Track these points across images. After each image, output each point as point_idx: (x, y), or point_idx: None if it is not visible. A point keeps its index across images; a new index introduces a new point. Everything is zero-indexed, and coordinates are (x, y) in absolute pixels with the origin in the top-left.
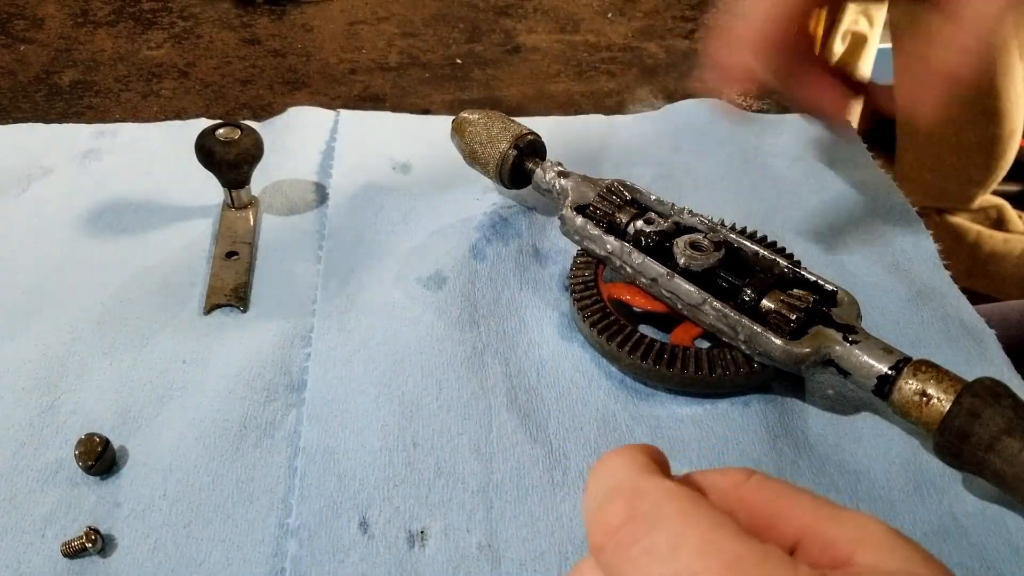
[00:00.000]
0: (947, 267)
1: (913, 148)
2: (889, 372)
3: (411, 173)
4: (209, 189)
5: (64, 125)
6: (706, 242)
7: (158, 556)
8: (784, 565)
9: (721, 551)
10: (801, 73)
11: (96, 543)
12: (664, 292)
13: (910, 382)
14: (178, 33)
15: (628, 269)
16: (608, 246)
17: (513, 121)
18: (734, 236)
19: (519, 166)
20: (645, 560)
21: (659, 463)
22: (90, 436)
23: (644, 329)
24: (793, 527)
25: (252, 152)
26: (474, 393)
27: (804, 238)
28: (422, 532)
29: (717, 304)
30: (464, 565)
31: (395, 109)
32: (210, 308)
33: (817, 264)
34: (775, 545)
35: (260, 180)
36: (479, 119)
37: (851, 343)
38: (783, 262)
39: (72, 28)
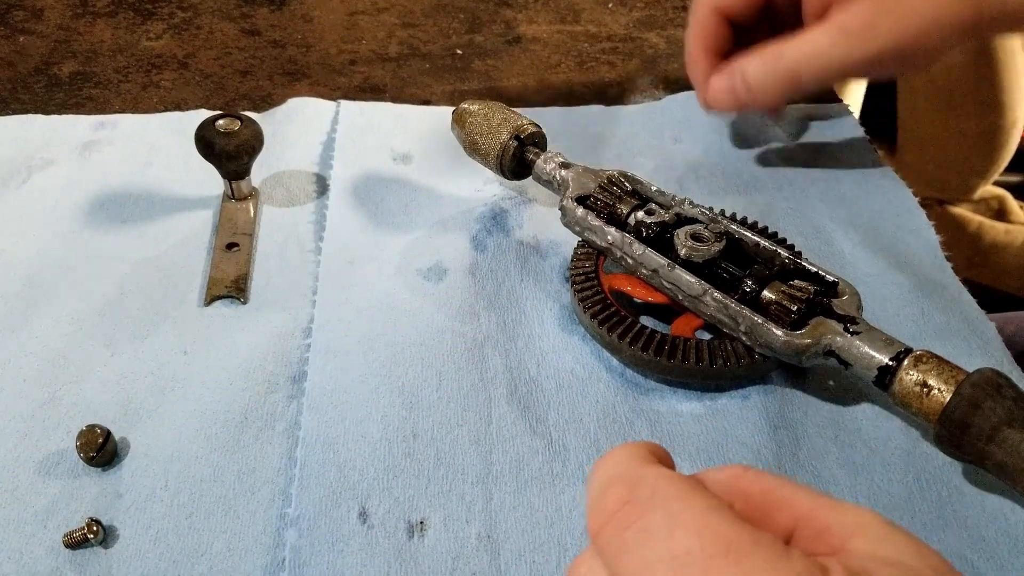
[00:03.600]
0: (948, 259)
1: (915, 139)
2: (890, 363)
3: (412, 164)
4: (209, 180)
5: (64, 116)
6: (707, 233)
7: (160, 547)
8: (777, 550)
9: (716, 534)
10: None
11: (98, 534)
12: (665, 283)
13: (911, 373)
14: (177, 24)
15: (629, 260)
16: (609, 237)
17: (513, 112)
18: (735, 227)
19: (520, 157)
20: (641, 540)
21: (661, 459)
22: (91, 428)
23: (645, 320)
24: (788, 516)
25: (252, 143)
26: (474, 384)
27: (805, 229)
28: (421, 522)
29: (718, 295)
30: (463, 555)
31: (395, 100)
32: (210, 300)
33: (818, 255)
34: (771, 532)
35: (260, 171)
36: (479, 110)
37: (852, 334)
38: (784, 253)
39: (71, 19)
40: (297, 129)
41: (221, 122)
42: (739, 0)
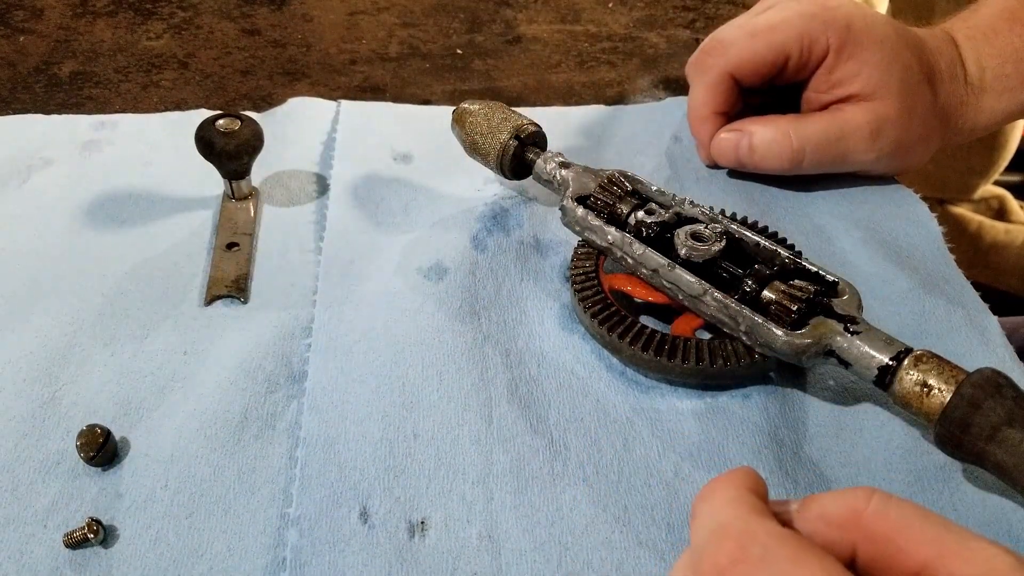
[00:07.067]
0: (951, 251)
1: None
2: (890, 363)
3: (412, 164)
4: (209, 180)
5: (64, 116)
6: (707, 233)
7: (160, 547)
8: None
9: None
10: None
11: (98, 534)
12: (665, 283)
13: (911, 373)
14: (178, 23)
15: (629, 260)
16: (609, 237)
17: (514, 112)
18: (735, 226)
19: (520, 157)
20: None
21: (759, 493)
22: (91, 427)
23: (645, 320)
24: (914, 562)
25: (252, 143)
26: (474, 384)
27: (805, 227)
28: (422, 522)
29: (718, 295)
30: (464, 555)
31: (396, 100)
32: (211, 299)
33: (818, 254)
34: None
35: (260, 171)
36: (480, 110)
37: (852, 334)
38: (784, 252)
39: (71, 19)
40: (297, 129)
41: (221, 122)
42: (753, 66)
